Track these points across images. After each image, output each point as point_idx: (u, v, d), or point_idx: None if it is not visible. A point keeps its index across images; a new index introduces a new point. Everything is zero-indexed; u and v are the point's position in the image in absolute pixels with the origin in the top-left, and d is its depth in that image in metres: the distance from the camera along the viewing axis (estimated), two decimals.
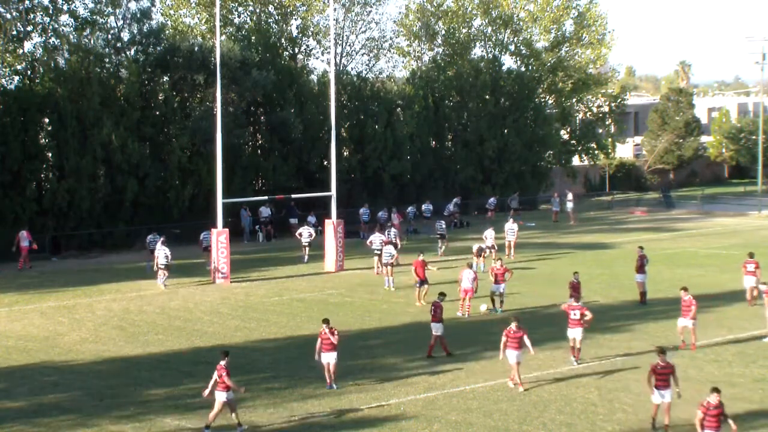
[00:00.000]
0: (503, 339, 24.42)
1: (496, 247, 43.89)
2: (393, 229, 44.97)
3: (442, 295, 28.93)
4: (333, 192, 44.07)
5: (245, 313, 34.48)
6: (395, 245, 41.37)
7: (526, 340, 24.38)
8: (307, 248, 45.69)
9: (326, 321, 24.55)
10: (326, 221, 44.02)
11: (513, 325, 24.39)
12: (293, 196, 49.75)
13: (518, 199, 63.60)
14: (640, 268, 35.39)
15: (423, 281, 35.13)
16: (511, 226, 46.21)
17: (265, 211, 54.05)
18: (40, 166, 50.26)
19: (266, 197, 51.52)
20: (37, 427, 21.87)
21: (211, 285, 40.08)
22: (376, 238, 41.54)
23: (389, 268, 38.81)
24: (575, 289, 31.65)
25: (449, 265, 41.58)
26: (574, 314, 26.95)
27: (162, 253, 39.41)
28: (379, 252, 40.62)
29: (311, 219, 50.73)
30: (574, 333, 26.94)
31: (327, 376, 24.51)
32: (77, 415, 22.70)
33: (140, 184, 51.43)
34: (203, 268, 42.41)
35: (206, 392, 21.74)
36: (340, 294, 37.89)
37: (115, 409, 23.02)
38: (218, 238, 40.40)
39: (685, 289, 28.72)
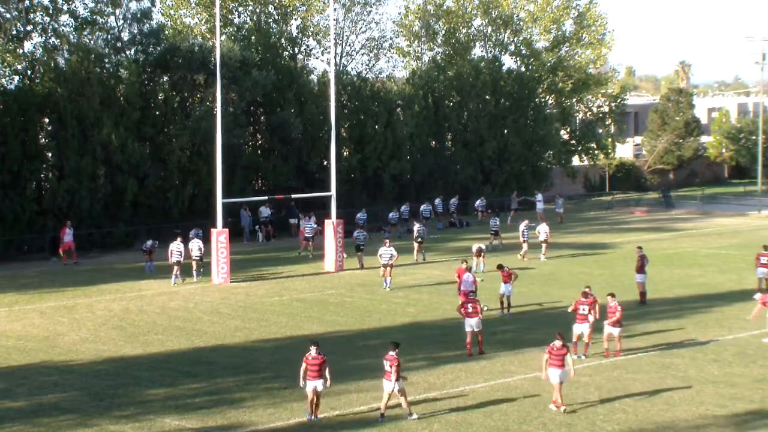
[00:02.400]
0: (545, 356, 22.83)
1: (548, 242, 45.62)
2: (417, 225, 46.43)
3: (473, 293, 31.03)
4: (333, 192, 44.07)
5: (245, 313, 34.48)
6: (422, 239, 45.35)
7: (569, 359, 22.83)
8: (310, 243, 46.45)
9: (315, 343, 22.26)
10: (326, 221, 44.03)
11: (556, 342, 22.81)
12: (293, 196, 49.77)
13: (518, 200, 63.57)
14: (640, 269, 35.41)
15: None
16: (524, 227, 46.02)
17: (265, 211, 54.04)
18: (40, 166, 50.30)
19: (266, 197, 51.55)
20: (37, 427, 21.87)
21: (211, 285, 40.09)
22: (360, 234, 43.91)
23: (389, 268, 38.73)
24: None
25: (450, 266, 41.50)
26: (583, 309, 27.12)
27: (196, 245, 40.73)
28: (362, 246, 43.30)
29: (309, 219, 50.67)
30: (582, 328, 27.19)
31: (309, 406, 22.01)
32: (77, 415, 22.70)
33: (140, 184, 51.46)
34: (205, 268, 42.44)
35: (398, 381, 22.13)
36: (340, 294, 37.88)
37: (115, 409, 23.02)
38: (218, 238, 40.41)
39: (612, 295, 27.95)
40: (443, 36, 69.69)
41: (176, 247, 40.44)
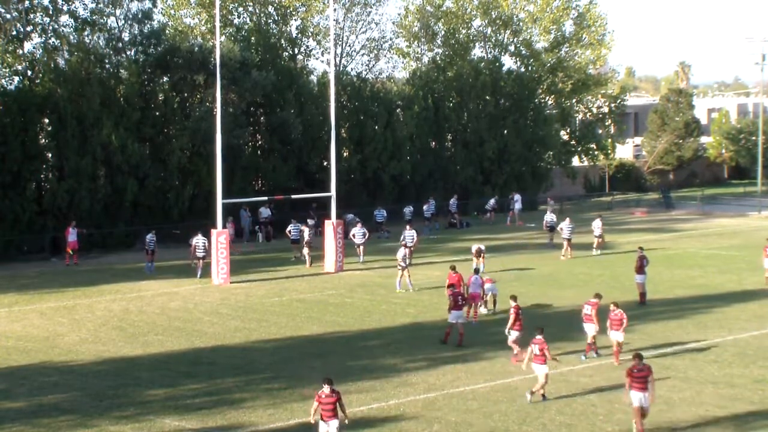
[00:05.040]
0: (627, 379, 21.07)
1: (603, 238, 46.68)
2: (409, 231, 44.90)
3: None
4: (333, 193, 44.05)
5: (245, 313, 34.48)
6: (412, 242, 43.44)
7: (651, 381, 20.93)
8: (296, 246, 46.65)
9: (329, 382, 19.58)
10: (326, 222, 44.02)
11: (636, 362, 21.12)
12: (293, 196, 49.72)
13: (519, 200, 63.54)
14: (640, 269, 35.41)
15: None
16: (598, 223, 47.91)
17: (264, 212, 54.04)
18: (40, 166, 50.29)
19: (266, 197, 51.55)
20: (36, 428, 21.86)
21: (211, 285, 40.08)
22: (358, 231, 45.45)
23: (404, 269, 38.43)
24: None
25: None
26: (586, 309, 27.18)
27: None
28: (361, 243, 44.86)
29: (304, 225, 50.54)
30: (587, 327, 27.37)
31: None
32: (77, 415, 22.70)
33: (140, 184, 51.46)
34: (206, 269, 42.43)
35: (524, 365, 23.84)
36: (340, 294, 37.88)
37: (115, 410, 23.01)
38: (218, 238, 40.41)
39: (513, 297, 27.82)
40: (443, 37, 69.66)
41: (201, 242, 41.02)
